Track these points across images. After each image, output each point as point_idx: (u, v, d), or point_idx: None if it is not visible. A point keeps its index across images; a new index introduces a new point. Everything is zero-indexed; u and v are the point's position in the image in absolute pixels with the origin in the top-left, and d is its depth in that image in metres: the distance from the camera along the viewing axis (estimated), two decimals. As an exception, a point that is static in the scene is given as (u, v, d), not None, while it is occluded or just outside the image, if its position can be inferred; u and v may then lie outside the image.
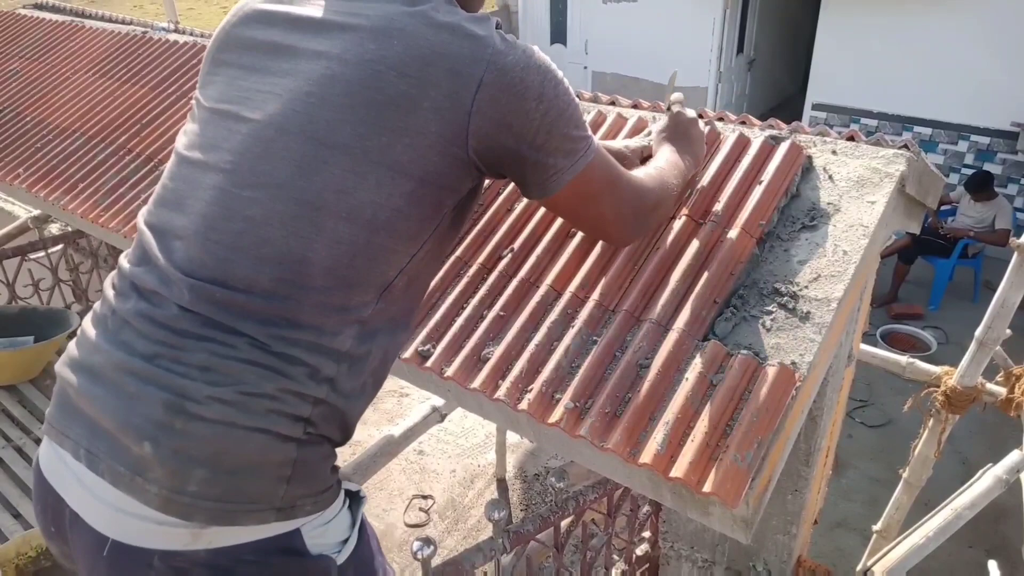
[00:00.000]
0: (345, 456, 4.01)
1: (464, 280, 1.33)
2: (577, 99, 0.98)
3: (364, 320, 0.86)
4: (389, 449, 2.04)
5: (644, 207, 1.08)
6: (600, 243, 1.30)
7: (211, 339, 0.78)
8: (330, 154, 0.81)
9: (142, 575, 0.76)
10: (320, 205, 0.81)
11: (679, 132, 1.26)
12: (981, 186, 5.29)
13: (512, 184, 1.47)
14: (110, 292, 0.87)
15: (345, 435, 0.90)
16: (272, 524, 0.78)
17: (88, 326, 0.87)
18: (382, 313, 0.89)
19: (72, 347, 0.87)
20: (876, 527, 2.49)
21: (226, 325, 0.78)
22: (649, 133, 1.36)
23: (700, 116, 1.50)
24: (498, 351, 1.19)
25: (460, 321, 1.26)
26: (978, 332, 2.02)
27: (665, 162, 1.17)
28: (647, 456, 1.00)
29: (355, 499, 0.96)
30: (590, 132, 0.99)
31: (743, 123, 1.45)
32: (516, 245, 1.35)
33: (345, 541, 0.89)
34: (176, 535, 0.75)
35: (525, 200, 1.43)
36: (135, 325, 0.80)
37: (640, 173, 1.10)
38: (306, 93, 0.83)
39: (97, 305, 0.88)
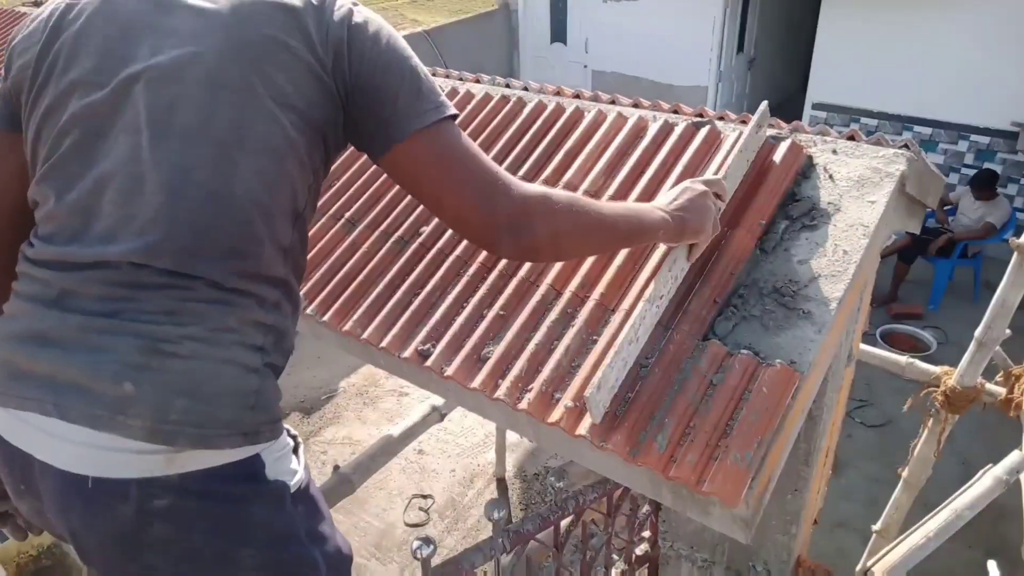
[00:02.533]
0: (345, 455, 4.02)
1: (464, 279, 1.33)
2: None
3: (287, 248, 0.95)
4: (389, 448, 2.04)
5: (520, 200, 0.92)
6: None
7: (170, 286, 0.86)
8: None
9: (119, 506, 0.82)
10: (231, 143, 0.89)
11: (676, 192, 1.12)
12: (985, 184, 5.29)
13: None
14: (36, 272, 0.91)
15: (286, 359, 0.98)
16: (240, 448, 0.86)
17: (16, 305, 0.91)
18: (298, 244, 0.98)
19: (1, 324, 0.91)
20: (876, 527, 2.49)
21: (181, 272, 0.86)
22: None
23: (701, 115, 1.50)
24: (498, 350, 1.19)
25: (460, 320, 1.26)
26: (978, 332, 2.02)
27: (616, 203, 1.07)
28: (647, 456, 1.00)
29: (296, 443, 1.03)
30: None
31: (743, 122, 1.44)
32: (516, 244, 1.35)
33: (295, 474, 0.96)
34: (152, 461, 0.81)
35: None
36: (85, 291, 0.86)
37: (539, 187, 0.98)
38: None
39: (18, 286, 0.93)
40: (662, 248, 1.23)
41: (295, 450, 1.00)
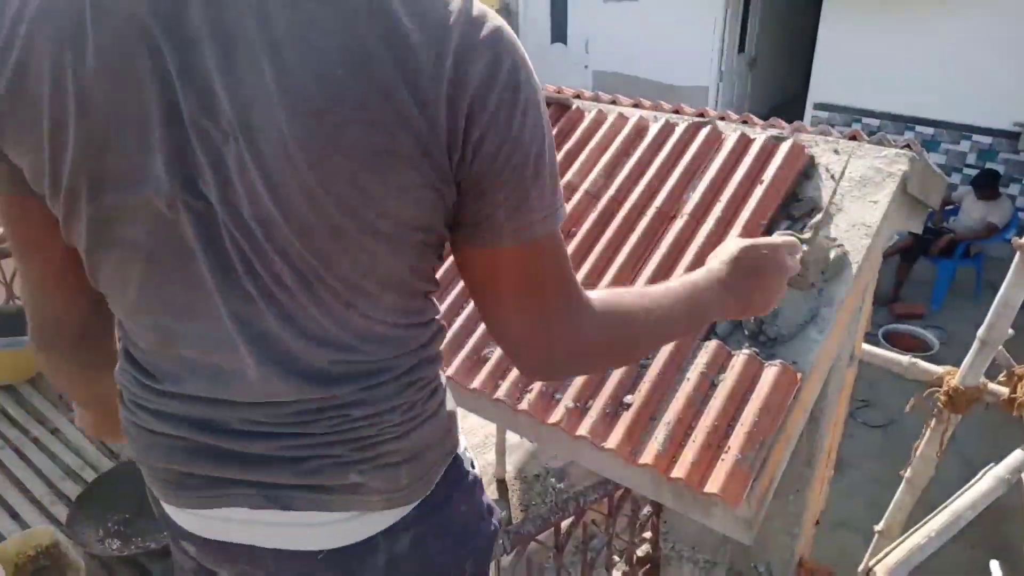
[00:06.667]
0: (346, 456, 4.01)
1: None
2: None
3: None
4: (389, 449, 2.03)
5: (582, 337, 0.75)
6: (600, 244, 1.29)
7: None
8: None
9: (371, 559, 0.81)
10: None
11: (749, 266, 0.85)
12: (987, 184, 5.28)
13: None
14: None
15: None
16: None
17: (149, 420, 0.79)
18: None
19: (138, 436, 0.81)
20: (878, 527, 2.48)
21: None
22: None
23: (702, 115, 1.50)
24: (498, 351, 1.19)
25: (460, 320, 1.26)
26: (980, 332, 2.01)
27: (679, 297, 0.82)
28: (648, 456, 1.00)
29: None
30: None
31: (745, 122, 1.44)
32: (516, 244, 1.35)
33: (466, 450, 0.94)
34: (390, 512, 0.80)
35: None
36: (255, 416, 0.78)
37: (607, 299, 0.78)
38: None
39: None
40: (663, 249, 1.22)
41: None
